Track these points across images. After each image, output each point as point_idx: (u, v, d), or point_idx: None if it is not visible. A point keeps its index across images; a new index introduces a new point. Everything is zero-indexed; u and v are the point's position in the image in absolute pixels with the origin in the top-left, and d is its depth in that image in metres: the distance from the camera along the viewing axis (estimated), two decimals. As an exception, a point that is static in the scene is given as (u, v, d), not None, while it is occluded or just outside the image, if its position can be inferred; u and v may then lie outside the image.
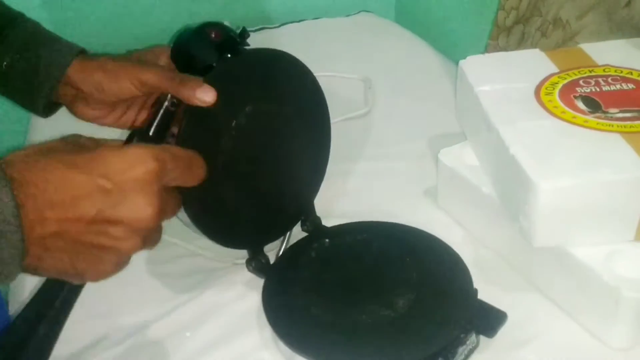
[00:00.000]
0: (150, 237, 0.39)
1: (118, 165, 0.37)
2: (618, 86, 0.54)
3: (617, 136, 0.48)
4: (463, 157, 0.58)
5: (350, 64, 0.88)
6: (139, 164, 0.37)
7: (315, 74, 0.53)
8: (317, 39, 0.96)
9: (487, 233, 0.56)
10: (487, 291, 0.53)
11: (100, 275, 0.39)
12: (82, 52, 0.54)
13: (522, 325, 0.49)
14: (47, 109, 0.55)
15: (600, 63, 0.57)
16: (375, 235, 0.56)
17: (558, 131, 0.49)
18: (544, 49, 0.61)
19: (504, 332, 0.49)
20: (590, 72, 0.56)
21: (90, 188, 0.36)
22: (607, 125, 0.49)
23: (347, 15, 1.04)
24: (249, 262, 0.54)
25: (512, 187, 0.49)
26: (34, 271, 0.36)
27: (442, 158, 0.58)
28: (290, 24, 1.02)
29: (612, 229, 0.47)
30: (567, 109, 0.51)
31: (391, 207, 0.50)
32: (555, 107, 0.52)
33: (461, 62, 0.60)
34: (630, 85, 0.54)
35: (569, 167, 0.46)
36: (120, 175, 0.36)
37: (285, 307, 0.50)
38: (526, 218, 0.47)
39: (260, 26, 1.01)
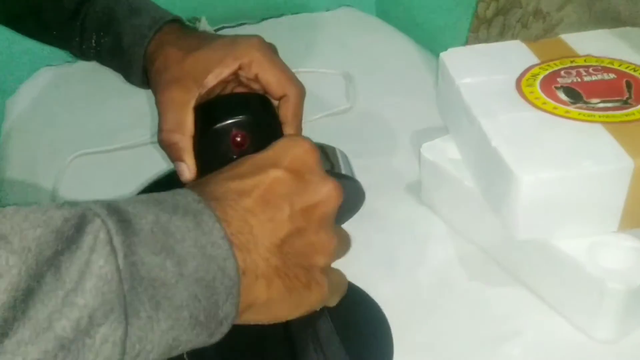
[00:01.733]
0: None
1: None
2: (599, 76, 0.54)
3: (599, 126, 0.48)
4: (445, 151, 0.58)
5: (331, 59, 0.87)
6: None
7: (295, 70, 0.53)
8: (297, 34, 0.95)
9: (471, 228, 0.56)
10: (471, 287, 0.53)
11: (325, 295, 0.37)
12: (167, 23, 0.52)
13: (506, 320, 0.50)
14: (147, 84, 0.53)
15: (581, 53, 0.57)
16: None
17: (539, 123, 0.49)
18: (524, 40, 0.60)
19: (488, 326, 0.49)
20: (571, 62, 0.56)
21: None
22: (588, 115, 0.49)
23: (328, 10, 1.04)
24: None
25: (493, 180, 0.49)
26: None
27: (424, 152, 0.58)
28: (270, 19, 1.01)
29: (595, 220, 0.47)
30: (548, 100, 0.51)
31: (373, 202, 0.50)
32: (537, 98, 0.52)
33: (442, 54, 0.60)
34: (612, 75, 0.54)
35: (551, 159, 0.46)
36: None
37: None
38: (508, 211, 0.47)
39: (240, 22, 1.00)
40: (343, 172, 0.46)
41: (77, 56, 0.62)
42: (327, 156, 0.45)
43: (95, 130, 0.77)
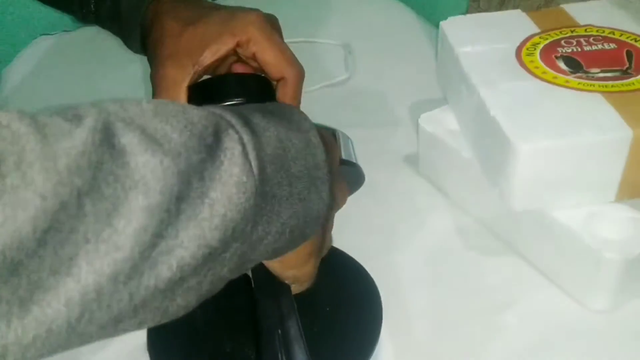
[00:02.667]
0: None
1: None
2: (600, 46, 0.53)
3: (599, 96, 0.47)
4: (444, 122, 0.57)
5: (330, 29, 0.87)
6: None
7: (293, 41, 0.52)
8: (297, 3, 0.94)
9: (469, 199, 0.56)
10: (468, 257, 0.53)
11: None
12: None
13: (502, 290, 0.50)
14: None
15: (581, 23, 0.57)
16: None
17: (539, 92, 0.49)
18: (525, 9, 0.60)
19: (483, 297, 0.49)
20: (571, 32, 0.55)
21: None
22: (588, 85, 0.49)
23: (326, -20, 1.03)
24: None
25: (492, 150, 0.49)
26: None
27: (422, 123, 0.58)
28: (268, -11, 1.00)
29: (592, 190, 0.47)
30: (548, 69, 0.51)
31: (370, 174, 0.49)
32: (537, 67, 0.51)
33: (442, 23, 0.59)
34: (612, 45, 0.53)
35: (550, 128, 0.45)
36: None
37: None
38: (506, 181, 0.47)
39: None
40: (343, 156, 0.46)
41: (79, 20, 0.61)
42: None
43: (92, 100, 0.76)
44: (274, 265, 0.37)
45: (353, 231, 0.56)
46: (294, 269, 0.37)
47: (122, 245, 0.23)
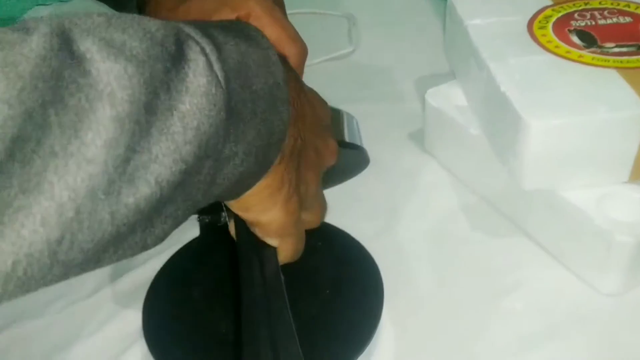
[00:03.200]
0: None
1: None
2: (614, 19, 0.51)
3: (613, 72, 0.46)
4: (451, 97, 0.56)
5: (333, 0, 0.84)
6: None
7: (295, 12, 0.50)
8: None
9: (476, 177, 0.55)
10: (474, 237, 0.52)
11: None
12: None
13: (509, 272, 0.49)
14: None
15: (597, -5, 0.54)
16: None
17: (551, 67, 0.47)
18: (538, -20, 0.58)
19: (489, 279, 0.48)
20: (585, 4, 0.53)
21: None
22: (602, 60, 0.47)
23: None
24: None
25: (501, 127, 0.47)
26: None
27: (429, 98, 0.56)
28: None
29: (605, 170, 0.45)
30: (561, 43, 0.49)
31: (374, 151, 0.48)
32: (549, 41, 0.49)
33: (450, -6, 0.57)
34: (627, 19, 0.51)
35: (562, 104, 0.44)
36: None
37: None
38: (516, 159, 0.45)
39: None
40: (347, 139, 0.44)
41: None
42: (332, 121, 0.43)
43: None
44: (235, 207, 0.35)
45: (355, 210, 0.55)
46: (255, 213, 0.35)
47: (94, 158, 0.22)
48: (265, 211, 0.35)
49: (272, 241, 0.37)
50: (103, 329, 0.47)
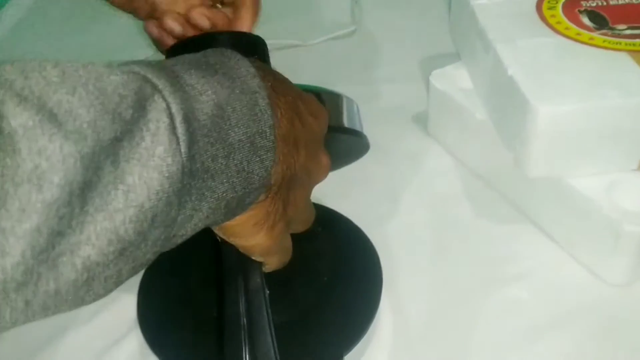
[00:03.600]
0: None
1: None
2: (627, 0, 0.50)
3: (625, 55, 0.44)
4: (456, 80, 0.54)
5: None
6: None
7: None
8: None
9: (480, 163, 0.54)
10: (478, 224, 0.51)
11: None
12: None
13: (514, 261, 0.48)
14: None
15: (609, -26, 0.53)
16: None
17: (561, 49, 0.46)
18: (547, -42, 0.56)
19: (493, 267, 0.47)
20: (597, -17, 0.52)
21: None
22: (614, 43, 0.45)
23: None
24: None
25: (508, 112, 0.46)
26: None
27: (434, 81, 0.55)
28: None
29: (615, 157, 0.44)
30: (571, 24, 0.47)
31: (376, 134, 0.47)
32: (558, 22, 0.48)
33: (456, -28, 0.55)
34: (642, -1, 0.50)
35: (572, 89, 0.43)
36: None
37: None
38: (522, 146, 0.44)
39: None
40: (347, 124, 0.43)
41: None
42: (331, 106, 0.41)
43: (78, 54, 0.73)
44: (216, 230, 0.34)
45: (355, 195, 0.54)
46: (239, 239, 0.34)
47: (10, 251, 0.20)
48: (248, 237, 0.34)
49: (257, 258, 0.36)
50: (97, 316, 0.46)
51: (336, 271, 0.45)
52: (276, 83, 0.33)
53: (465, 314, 0.44)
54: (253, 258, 0.36)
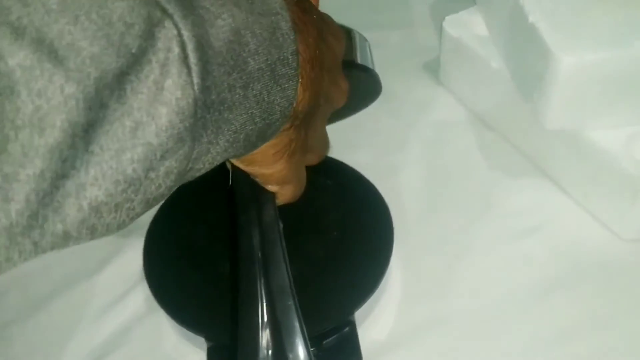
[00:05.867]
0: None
1: None
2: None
3: (654, 2, 0.43)
4: (471, 26, 0.53)
5: None
6: None
7: None
8: None
9: (495, 114, 0.53)
10: (491, 177, 0.50)
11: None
12: None
13: (527, 214, 0.47)
14: None
15: None
16: None
17: (586, -5, 0.44)
18: None
19: (505, 221, 0.47)
20: None
21: None
22: (642, -12, 0.44)
23: None
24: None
25: (527, 61, 0.45)
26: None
27: (447, 27, 0.53)
28: None
29: (636, 110, 0.43)
30: (597, -32, 0.46)
31: (385, 82, 0.45)
32: (583, -34, 0.46)
33: None
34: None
35: (597, 38, 0.41)
36: None
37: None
38: (541, 97, 0.43)
39: None
40: (359, 60, 0.41)
41: None
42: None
43: None
44: (234, 160, 0.33)
45: (364, 146, 0.53)
46: (258, 167, 0.34)
47: (14, 196, 0.20)
48: (267, 165, 0.33)
49: (271, 187, 0.36)
50: (105, 268, 0.46)
51: (346, 226, 0.44)
52: (300, 1, 0.31)
53: (477, 269, 0.44)
54: (267, 188, 0.35)
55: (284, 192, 0.36)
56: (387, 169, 0.51)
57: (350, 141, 0.52)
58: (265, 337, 0.32)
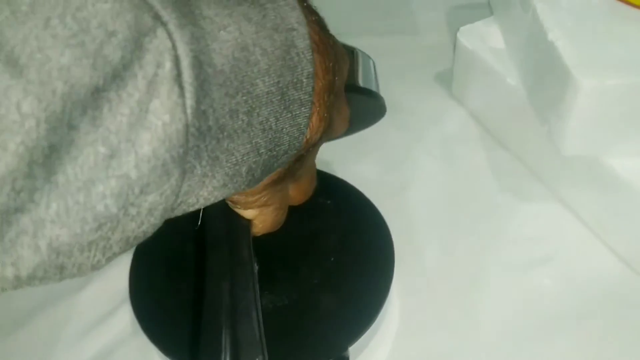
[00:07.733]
0: None
1: None
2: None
3: (683, 23, 0.41)
4: (487, 38, 0.51)
5: None
6: None
7: None
8: None
9: (509, 132, 0.51)
10: (502, 200, 0.48)
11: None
12: None
13: (539, 241, 0.46)
14: None
15: None
16: None
17: (611, 12, 0.42)
18: None
19: (515, 249, 0.45)
20: None
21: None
22: (671, 7, 0.42)
23: None
24: None
25: (545, 81, 0.43)
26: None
27: (462, 38, 0.51)
28: None
29: (660, 137, 0.41)
30: (623, -17, 0.44)
31: (394, 93, 0.44)
32: (609, -20, 0.44)
33: None
34: None
35: (619, 61, 0.39)
36: None
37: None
38: (559, 120, 0.41)
39: None
40: (361, 83, 0.39)
41: None
42: None
43: None
44: None
45: (368, 161, 0.51)
46: (240, 194, 0.30)
47: None
48: (252, 192, 0.30)
49: (247, 213, 0.32)
50: (89, 284, 0.44)
51: (344, 251, 0.42)
52: (318, 17, 0.28)
53: (483, 301, 0.43)
54: (243, 214, 0.32)
55: (263, 219, 0.33)
56: (392, 186, 0.49)
57: (354, 154, 0.51)
58: None
